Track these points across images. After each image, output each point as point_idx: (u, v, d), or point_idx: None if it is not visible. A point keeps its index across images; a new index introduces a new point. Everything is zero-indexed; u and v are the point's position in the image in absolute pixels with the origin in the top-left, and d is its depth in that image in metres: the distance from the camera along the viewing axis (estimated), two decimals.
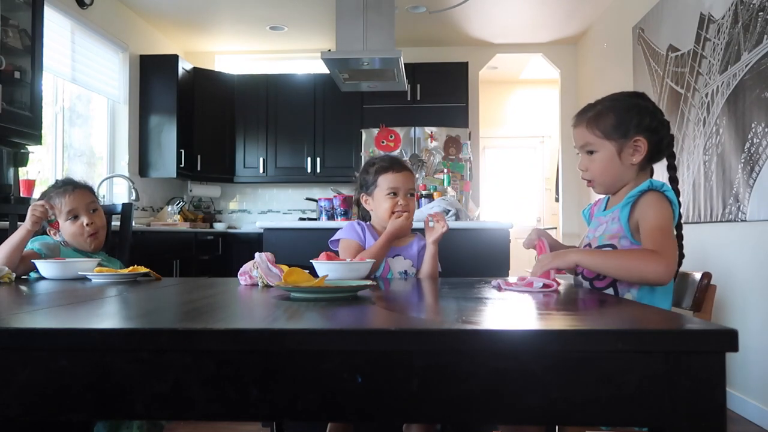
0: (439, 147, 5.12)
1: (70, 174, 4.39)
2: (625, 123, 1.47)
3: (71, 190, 1.98)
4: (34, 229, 1.81)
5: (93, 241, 1.98)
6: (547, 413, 0.77)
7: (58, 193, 1.97)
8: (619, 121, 1.47)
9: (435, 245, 1.92)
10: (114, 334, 0.82)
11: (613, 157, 1.48)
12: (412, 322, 0.95)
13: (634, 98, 1.52)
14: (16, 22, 3.34)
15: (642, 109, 1.48)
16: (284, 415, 0.79)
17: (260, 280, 1.47)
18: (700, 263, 3.20)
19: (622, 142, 1.47)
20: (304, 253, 1.69)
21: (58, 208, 1.95)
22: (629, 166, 1.48)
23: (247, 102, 5.93)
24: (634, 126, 1.46)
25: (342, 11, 4.08)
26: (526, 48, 6.14)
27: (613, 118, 1.48)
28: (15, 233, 1.83)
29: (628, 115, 1.47)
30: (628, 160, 1.48)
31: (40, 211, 1.82)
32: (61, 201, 1.95)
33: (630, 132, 1.46)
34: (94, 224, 1.97)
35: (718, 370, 0.76)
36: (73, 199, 1.96)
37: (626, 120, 1.47)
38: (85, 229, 1.95)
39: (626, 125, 1.46)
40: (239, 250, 5.31)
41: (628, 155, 1.47)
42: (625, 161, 1.48)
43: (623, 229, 1.45)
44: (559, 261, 1.41)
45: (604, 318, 1.02)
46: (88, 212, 1.98)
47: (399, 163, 2.00)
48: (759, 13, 2.81)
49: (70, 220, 1.96)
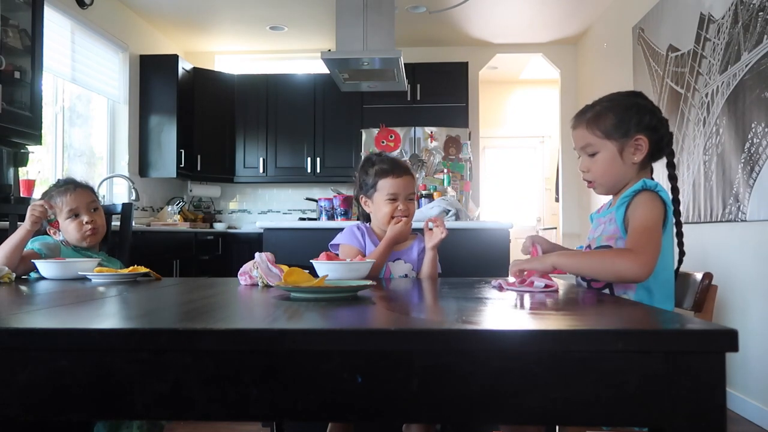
0: (439, 147, 5.12)
1: (70, 174, 4.39)
2: (626, 122, 1.46)
3: (72, 189, 2.00)
4: (33, 228, 1.82)
5: (91, 237, 1.99)
6: (547, 413, 0.77)
7: (60, 192, 1.99)
8: (619, 120, 1.47)
9: (434, 251, 1.90)
10: (114, 334, 0.82)
11: (615, 156, 1.48)
12: (412, 322, 0.95)
13: (633, 97, 1.52)
14: (16, 22, 3.34)
15: (641, 107, 1.48)
16: (284, 415, 0.79)
17: (260, 280, 1.47)
18: (700, 263, 3.20)
19: (623, 142, 1.47)
20: (304, 253, 1.69)
21: (59, 206, 1.96)
22: (630, 165, 1.48)
23: (247, 102, 5.93)
24: (634, 125, 1.46)
25: (342, 11, 4.08)
26: (526, 48, 6.14)
27: (613, 118, 1.48)
28: (15, 233, 1.83)
29: (627, 114, 1.47)
30: (630, 159, 1.47)
31: (39, 210, 1.82)
32: (63, 200, 1.97)
33: (631, 131, 1.46)
34: (94, 222, 1.99)
35: (718, 370, 0.76)
36: (74, 198, 1.98)
37: (626, 119, 1.47)
38: (84, 226, 1.97)
39: (627, 124, 1.46)
40: (239, 250, 5.31)
41: (629, 154, 1.47)
42: (627, 160, 1.48)
43: (619, 229, 1.45)
44: (537, 263, 1.41)
45: (604, 318, 1.02)
46: (89, 211, 2.00)
47: (399, 166, 1.95)
48: (759, 13, 2.81)
49: (71, 218, 1.98)
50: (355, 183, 2.04)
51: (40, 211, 1.82)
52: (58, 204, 1.97)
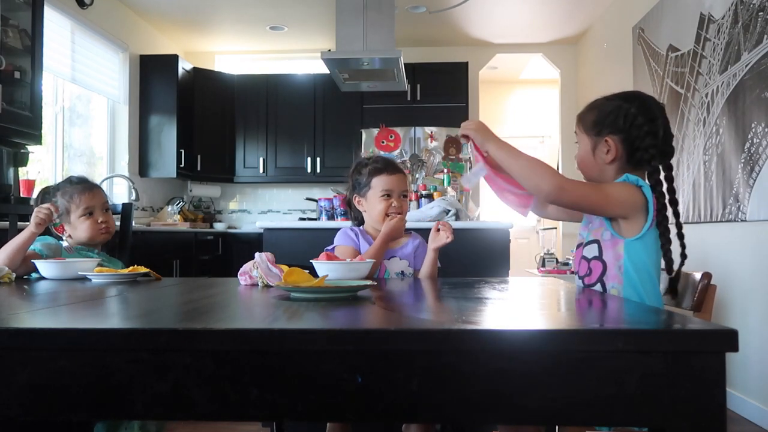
0: (439, 147, 5.12)
1: (70, 174, 4.39)
2: (601, 122, 1.51)
3: (90, 188, 2.05)
4: (38, 231, 1.83)
5: (104, 236, 2.05)
6: (547, 413, 0.77)
7: (77, 190, 2.02)
8: (597, 119, 1.52)
9: (435, 252, 1.92)
10: (114, 334, 0.82)
11: (588, 152, 1.53)
12: (412, 322, 0.95)
13: (622, 100, 1.52)
14: (16, 22, 3.34)
15: (621, 110, 1.49)
16: (284, 415, 0.79)
17: (260, 280, 1.47)
18: (700, 263, 3.20)
19: (596, 140, 1.52)
20: (304, 253, 1.69)
21: (75, 203, 1.99)
22: (603, 164, 1.51)
23: (247, 102, 5.93)
24: (607, 125, 1.49)
25: (342, 11, 4.08)
26: (526, 48, 6.14)
27: (594, 116, 1.53)
28: (19, 235, 1.84)
29: (606, 115, 1.51)
30: (601, 157, 1.51)
31: (44, 213, 1.83)
32: (80, 197, 2.00)
33: (603, 131, 1.50)
34: (107, 222, 2.04)
35: (718, 370, 0.76)
36: (91, 196, 2.03)
37: (603, 120, 1.51)
38: (98, 225, 2.01)
39: (601, 125, 1.50)
40: (239, 250, 5.31)
41: (602, 152, 1.50)
42: (599, 158, 1.51)
43: (604, 223, 1.48)
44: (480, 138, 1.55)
45: (604, 318, 1.02)
46: (103, 211, 2.05)
47: (392, 164, 2.01)
48: (759, 13, 2.81)
49: (85, 216, 2.00)
50: (348, 186, 2.07)
51: (45, 214, 1.83)
52: (75, 200, 1.99)
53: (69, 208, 1.98)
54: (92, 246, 2.04)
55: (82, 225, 2.00)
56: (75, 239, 2.02)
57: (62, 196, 2.00)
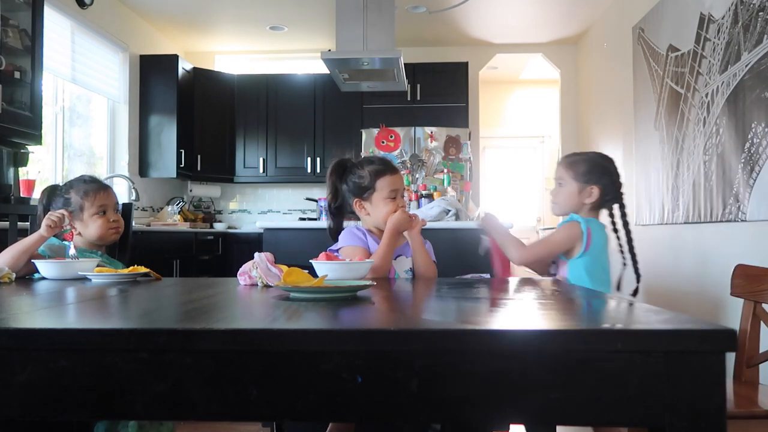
0: (439, 147, 5.12)
1: (70, 174, 4.39)
2: (590, 174, 2.04)
3: (104, 187, 2.08)
4: (48, 235, 1.82)
5: (115, 236, 2.07)
6: (547, 413, 0.77)
7: (93, 188, 2.03)
8: (587, 170, 2.04)
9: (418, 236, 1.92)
10: (114, 334, 0.82)
11: (574, 193, 2.05)
12: (412, 322, 0.95)
13: (604, 161, 2.09)
14: (16, 22, 3.34)
15: (605, 169, 2.06)
16: (284, 415, 0.79)
17: (260, 280, 1.47)
18: (700, 263, 3.21)
19: (582, 186, 2.04)
20: (304, 253, 1.69)
21: (89, 200, 2.00)
22: (581, 203, 2.04)
23: (247, 102, 5.93)
24: (595, 178, 2.03)
25: (342, 11, 4.08)
26: (526, 48, 6.14)
27: (584, 167, 2.05)
28: (28, 237, 1.83)
29: (594, 170, 2.05)
30: (583, 199, 2.04)
31: (57, 217, 1.82)
32: (96, 195, 2.02)
33: (591, 181, 2.03)
34: (118, 222, 2.07)
35: (717, 370, 0.76)
36: (106, 195, 2.05)
37: (592, 172, 2.04)
38: (110, 224, 2.03)
39: (589, 175, 2.04)
40: (239, 250, 5.31)
41: (585, 196, 2.04)
42: (581, 199, 2.05)
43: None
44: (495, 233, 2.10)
45: (604, 318, 1.02)
46: (115, 211, 2.08)
47: (391, 163, 2.00)
48: (759, 13, 2.81)
49: (98, 214, 2.01)
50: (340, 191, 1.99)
51: (57, 218, 1.82)
52: (90, 198, 2.00)
53: (83, 205, 1.99)
54: (98, 247, 2.05)
55: (94, 223, 2.00)
56: (85, 237, 2.01)
57: (76, 193, 2.01)
